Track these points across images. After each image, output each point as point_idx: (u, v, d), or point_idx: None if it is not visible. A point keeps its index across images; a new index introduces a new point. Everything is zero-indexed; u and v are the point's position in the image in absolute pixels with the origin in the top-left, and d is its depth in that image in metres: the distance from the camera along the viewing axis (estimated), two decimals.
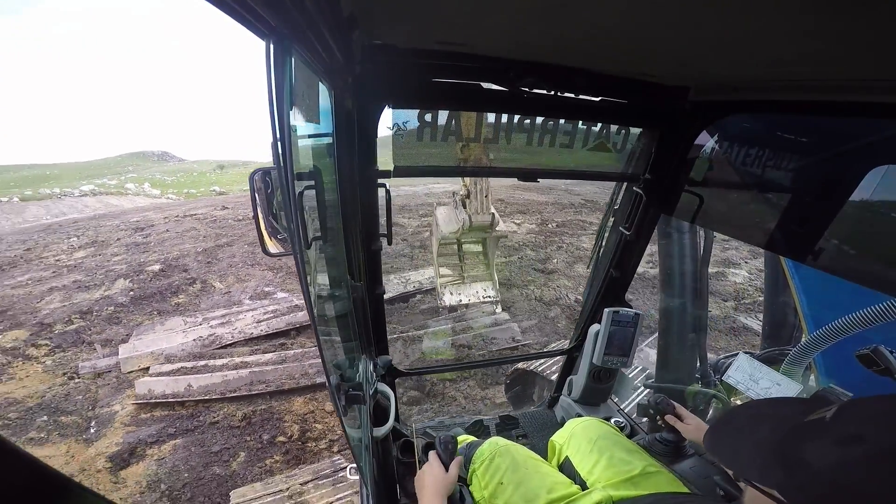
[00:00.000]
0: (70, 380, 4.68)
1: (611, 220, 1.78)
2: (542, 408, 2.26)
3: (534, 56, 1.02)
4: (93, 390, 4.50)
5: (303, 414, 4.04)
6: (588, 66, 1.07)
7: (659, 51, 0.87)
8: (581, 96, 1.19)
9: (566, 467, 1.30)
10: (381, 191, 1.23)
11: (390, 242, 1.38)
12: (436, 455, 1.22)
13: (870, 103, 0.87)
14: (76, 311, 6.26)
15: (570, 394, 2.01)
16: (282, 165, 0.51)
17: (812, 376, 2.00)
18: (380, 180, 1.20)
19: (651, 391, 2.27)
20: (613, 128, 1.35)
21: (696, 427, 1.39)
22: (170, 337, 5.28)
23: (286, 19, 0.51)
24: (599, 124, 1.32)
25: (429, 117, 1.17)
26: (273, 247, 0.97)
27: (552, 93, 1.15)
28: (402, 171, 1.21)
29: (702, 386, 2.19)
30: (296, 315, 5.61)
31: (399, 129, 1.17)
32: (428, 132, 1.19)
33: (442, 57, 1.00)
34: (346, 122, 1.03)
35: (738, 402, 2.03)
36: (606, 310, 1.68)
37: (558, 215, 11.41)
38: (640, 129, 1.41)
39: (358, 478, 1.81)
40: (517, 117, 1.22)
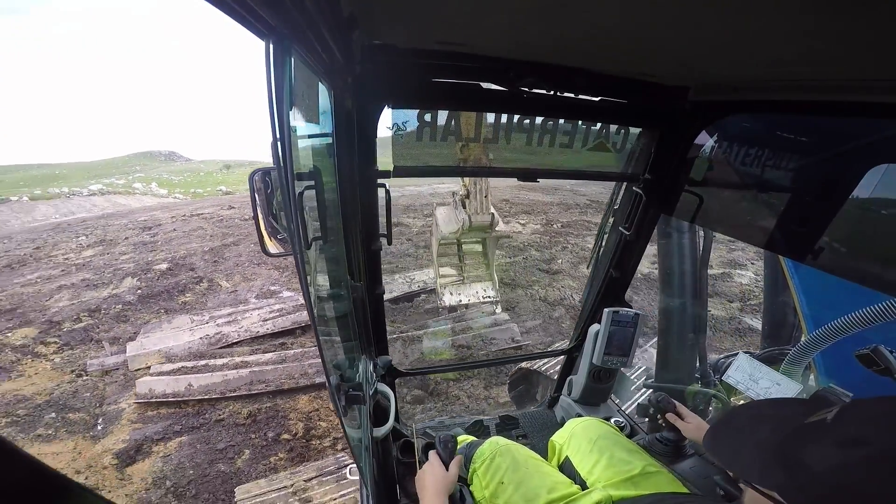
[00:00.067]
0: (78, 377, 4.74)
1: (611, 220, 1.79)
2: (542, 408, 2.26)
3: (534, 56, 1.02)
4: (100, 388, 4.55)
5: (307, 412, 4.06)
6: (588, 66, 1.07)
7: (659, 51, 0.87)
8: (581, 96, 1.19)
9: (566, 467, 1.30)
10: (380, 191, 1.23)
11: (390, 242, 1.38)
12: (436, 454, 1.22)
13: (870, 103, 0.87)
14: (84, 309, 6.32)
15: (570, 394, 2.01)
16: (282, 165, 0.51)
17: (812, 376, 2.00)
18: (380, 180, 1.20)
19: (652, 391, 2.27)
20: (613, 128, 1.35)
21: (697, 426, 1.40)
22: (177, 335, 5.32)
23: (286, 19, 0.51)
24: (599, 124, 1.32)
25: (428, 117, 1.17)
26: (273, 247, 0.97)
27: (552, 93, 1.15)
28: (402, 171, 1.21)
29: (702, 386, 2.19)
30: (301, 314, 5.64)
31: (399, 129, 1.17)
32: (428, 132, 1.19)
33: (442, 57, 1.00)
34: (346, 122, 1.03)
35: (738, 402, 2.03)
36: (606, 310, 1.68)
37: (563, 216, 11.40)
38: (640, 129, 1.41)
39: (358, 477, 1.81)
40: (517, 117, 1.22)
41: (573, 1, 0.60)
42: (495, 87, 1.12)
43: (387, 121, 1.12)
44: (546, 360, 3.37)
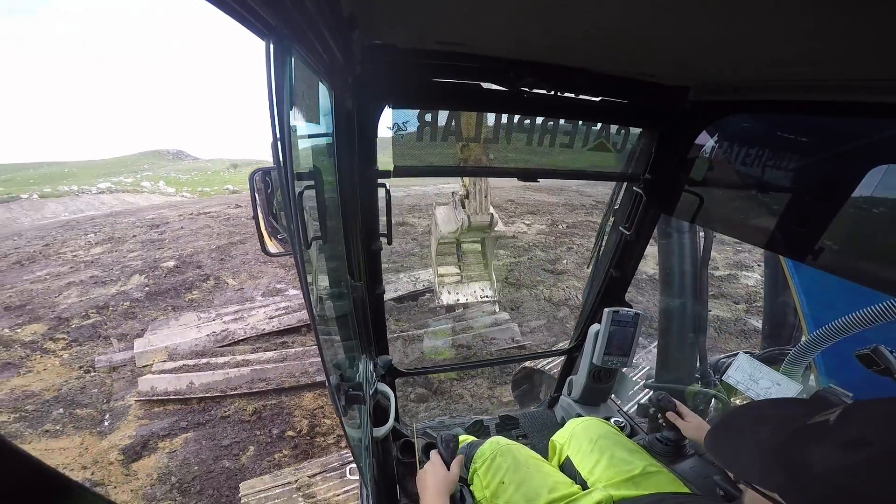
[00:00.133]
0: (86, 373, 4.78)
1: (611, 219, 1.79)
2: (543, 408, 2.26)
3: (534, 56, 1.02)
4: (108, 384, 4.59)
5: (312, 409, 4.08)
6: (588, 66, 1.07)
7: (659, 51, 0.87)
8: (581, 96, 1.19)
9: (567, 467, 1.30)
10: (381, 191, 1.23)
11: (390, 242, 1.38)
12: (437, 454, 1.22)
13: (870, 103, 0.87)
14: (93, 306, 6.37)
15: (570, 394, 2.01)
16: (282, 165, 0.51)
17: (812, 376, 2.00)
18: (380, 180, 1.20)
19: (652, 391, 2.27)
20: (613, 128, 1.35)
21: (697, 426, 1.39)
22: (184, 332, 5.35)
23: (286, 19, 0.51)
24: (599, 124, 1.32)
25: (429, 117, 1.17)
26: (273, 247, 0.97)
27: (552, 93, 1.15)
28: (402, 171, 1.21)
29: (702, 386, 2.19)
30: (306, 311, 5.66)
31: (399, 129, 1.17)
32: (428, 132, 1.19)
33: (442, 57, 1.00)
34: (346, 122, 1.03)
35: (738, 402, 2.03)
36: (606, 310, 1.68)
37: (569, 216, 11.37)
38: (640, 129, 1.41)
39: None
40: (517, 117, 1.22)
41: (573, 1, 0.60)
42: (495, 87, 1.12)
43: (387, 121, 1.12)
44: (549, 359, 3.37)
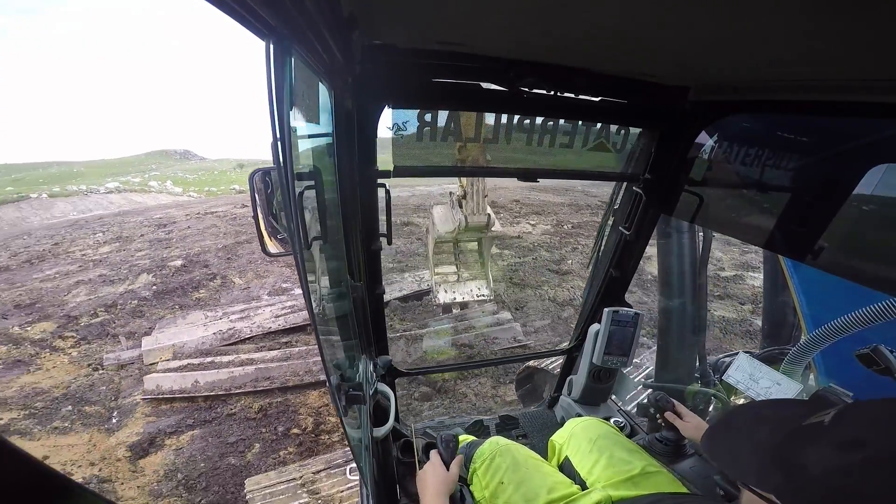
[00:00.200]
0: (94, 371, 4.81)
1: (611, 220, 1.79)
2: (542, 408, 2.26)
3: (534, 56, 1.02)
4: (116, 381, 4.63)
5: (317, 407, 4.10)
6: (588, 66, 1.07)
7: (659, 51, 0.86)
8: (581, 96, 1.19)
9: (566, 467, 1.30)
10: (380, 191, 1.23)
11: (390, 242, 1.38)
12: (437, 454, 1.22)
13: (870, 103, 0.87)
14: (101, 305, 6.42)
15: (569, 394, 2.02)
16: (282, 165, 0.51)
17: (812, 376, 2.00)
18: (380, 180, 1.20)
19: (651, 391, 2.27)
20: (613, 128, 1.35)
21: (696, 426, 1.40)
22: (191, 330, 5.39)
23: (286, 19, 0.51)
24: (599, 124, 1.32)
25: (429, 117, 1.17)
26: (273, 247, 0.97)
27: (552, 93, 1.15)
28: (402, 171, 1.21)
29: (701, 386, 2.19)
30: None
31: (399, 129, 1.17)
32: (428, 132, 1.19)
33: (442, 57, 1.00)
34: (346, 122, 1.03)
35: (738, 402, 2.03)
36: (606, 310, 1.68)
37: (574, 217, 11.36)
38: (640, 129, 1.41)
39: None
40: (517, 117, 1.22)
41: (573, 1, 0.60)
42: (495, 87, 1.12)
43: (387, 121, 1.12)
44: (553, 358, 3.37)
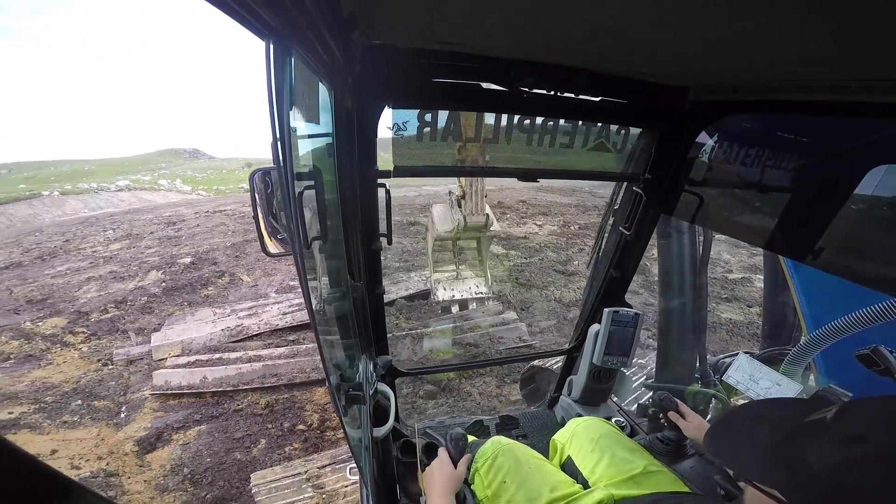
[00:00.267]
0: (104, 366, 4.85)
1: (611, 219, 1.79)
2: (543, 408, 2.26)
3: (534, 56, 1.02)
4: (125, 377, 4.66)
5: (323, 404, 4.12)
6: (588, 66, 1.07)
7: (659, 51, 0.87)
8: (581, 96, 1.19)
9: (568, 466, 1.31)
10: (380, 191, 1.23)
11: (390, 242, 1.38)
12: (445, 452, 1.22)
13: (870, 103, 0.87)
14: (111, 301, 6.47)
15: (570, 394, 2.01)
16: (282, 165, 0.51)
17: (812, 376, 2.00)
18: (380, 180, 1.20)
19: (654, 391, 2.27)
20: (613, 128, 1.35)
21: (698, 426, 1.40)
22: (200, 327, 5.43)
23: (286, 19, 0.51)
24: (599, 124, 1.32)
25: (429, 117, 1.17)
26: (273, 247, 0.96)
27: (552, 93, 1.15)
28: (402, 171, 1.21)
29: (702, 386, 2.19)
30: None
31: (399, 129, 1.17)
32: (428, 132, 1.19)
33: (442, 57, 1.00)
34: (346, 122, 1.03)
35: (738, 402, 2.03)
36: (606, 310, 1.68)
37: (581, 217, 11.34)
38: (640, 129, 1.41)
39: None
40: (517, 117, 1.22)
41: (573, 1, 0.60)
42: (495, 87, 1.12)
43: (387, 121, 1.12)
44: (557, 358, 3.36)
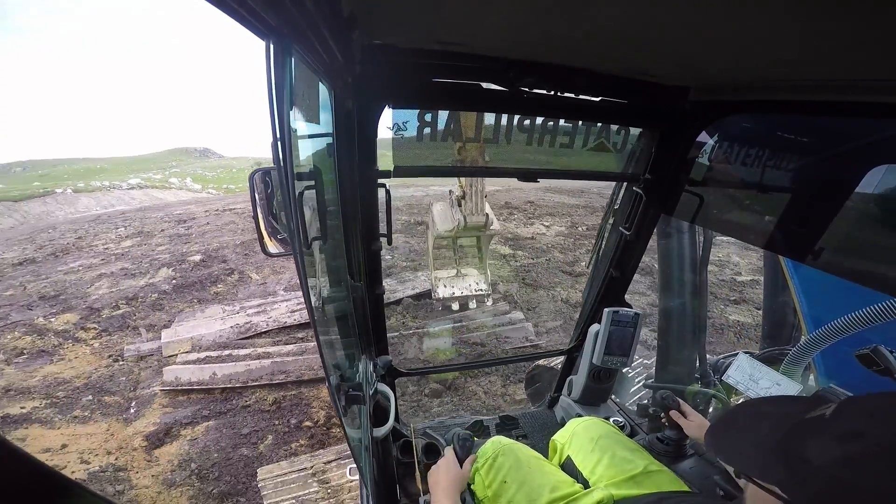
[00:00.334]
0: (115, 362, 4.89)
1: (611, 219, 1.79)
2: (542, 408, 2.26)
3: (534, 56, 1.02)
4: (135, 373, 4.70)
5: (329, 401, 4.11)
6: (588, 66, 1.07)
7: (659, 51, 0.87)
8: (581, 96, 1.19)
9: (568, 466, 1.31)
10: (381, 191, 1.23)
11: (390, 242, 1.38)
12: (452, 451, 1.23)
13: (870, 103, 0.87)
14: (123, 297, 6.51)
15: (570, 394, 2.02)
16: (282, 165, 0.51)
17: (812, 376, 2.00)
18: (380, 180, 1.20)
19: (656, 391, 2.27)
20: (613, 128, 1.35)
21: (699, 425, 1.39)
22: (209, 324, 5.45)
23: (286, 19, 0.51)
24: (599, 124, 1.32)
25: (429, 117, 1.17)
26: (273, 247, 0.96)
27: (552, 93, 1.15)
28: (402, 171, 1.21)
29: (702, 386, 2.19)
30: None
31: (399, 129, 1.17)
32: (428, 132, 1.19)
33: (442, 57, 1.00)
34: (346, 122, 1.03)
35: (738, 402, 2.03)
36: (606, 310, 1.68)
37: (589, 219, 11.28)
38: (641, 129, 1.41)
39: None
40: (517, 117, 1.22)
41: (573, 1, 0.60)
42: (495, 87, 1.12)
43: (387, 121, 1.12)
44: (561, 358, 3.37)
